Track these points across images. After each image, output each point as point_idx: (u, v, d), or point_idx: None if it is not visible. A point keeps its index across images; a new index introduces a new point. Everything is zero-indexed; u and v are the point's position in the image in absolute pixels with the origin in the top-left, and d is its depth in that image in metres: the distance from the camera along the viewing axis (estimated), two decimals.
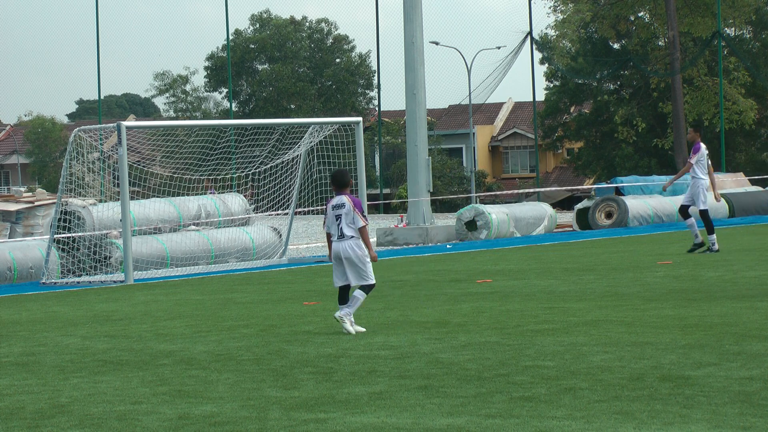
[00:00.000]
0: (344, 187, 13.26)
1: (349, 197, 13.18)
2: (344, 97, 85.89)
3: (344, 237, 13.08)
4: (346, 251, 13.07)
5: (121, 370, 11.33)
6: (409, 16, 34.94)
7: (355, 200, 13.18)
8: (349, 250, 13.05)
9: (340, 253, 13.09)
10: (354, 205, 13.08)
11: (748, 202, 39.39)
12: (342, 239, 13.09)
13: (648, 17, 65.58)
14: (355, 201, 13.15)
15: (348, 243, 13.05)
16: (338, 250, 13.12)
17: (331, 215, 13.19)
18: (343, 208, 13.11)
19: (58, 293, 21.98)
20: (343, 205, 13.11)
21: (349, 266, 13.10)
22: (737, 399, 8.50)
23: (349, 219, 13.07)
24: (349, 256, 13.06)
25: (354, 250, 13.04)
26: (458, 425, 8.09)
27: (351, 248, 13.04)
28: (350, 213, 13.06)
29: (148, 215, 26.87)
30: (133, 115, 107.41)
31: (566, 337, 11.99)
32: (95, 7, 45.30)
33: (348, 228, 13.07)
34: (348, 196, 13.19)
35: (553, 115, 73.99)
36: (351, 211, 13.06)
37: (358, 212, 13.07)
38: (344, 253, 13.07)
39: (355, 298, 13.11)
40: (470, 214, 34.30)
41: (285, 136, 29.17)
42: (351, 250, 13.05)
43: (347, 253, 13.06)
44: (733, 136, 64.65)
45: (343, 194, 13.22)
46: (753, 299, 14.60)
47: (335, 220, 13.16)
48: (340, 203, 13.15)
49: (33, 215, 29.84)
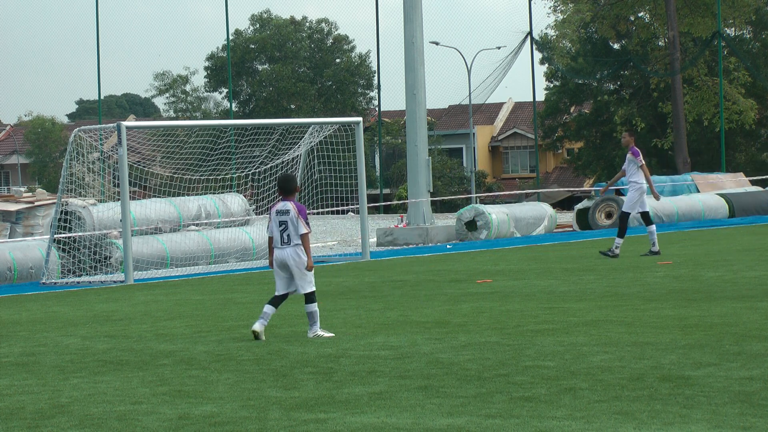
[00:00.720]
0: (290, 193, 13.03)
1: (294, 204, 12.92)
2: (344, 98, 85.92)
3: (289, 244, 12.85)
4: (290, 259, 12.83)
5: (121, 370, 11.33)
6: (409, 16, 34.94)
7: (300, 207, 12.93)
8: (294, 257, 12.83)
9: (285, 260, 12.86)
10: (298, 212, 12.85)
11: (748, 202, 39.39)
12: (286, 246, 12.86)
13: (648, 17, 65.58)
14: (299, 208, 12.91)
15: (293, 250, 12.83)
16: (283, 257, 12.87)
17: (275, 221, 12.94)
18: (287, 214, 12.86)
19: (58, 293, 21.98)
20: (288, 211, 12.86)
21: (290, 274, 12.89)
22: (737, 399, 8.50)
23: (294, 225, 12.86)
24: (292, 264, 12.83)
25: (299, 257, 12.83)
26: (458, 425, 8.09)
27: (297, 255, 12.83)
28: (294, 220, 12.83)
29: (148, 215, 26.86)
30: (133, 115, 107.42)
31: (566, 337, 11.99)
32: (95, 7, 45.30)
33: (292, 235, 12.86)
34: (293, 203, 12.93)
35: (553, 115, 74.00)
36: (296, 217, 12.83)
37: (301, 220, 12.84)
38: (288, 260, 12.84)
39: (309, 313, 12.92)
40: (470, 214, 34.30)
41: (285, 137, 29.18)
42: (297, 257, 12.83)
43: (291, 261, 12.83)
44: (733, 136, 64.65)
45: (289, 200, 12.97)
46: (753, 299, 14.61)
47: (279, 226, 12.92)
48: (285, 209, 12.90)
49: (33, 215, 29.84)
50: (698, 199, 38.72)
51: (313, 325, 12.95)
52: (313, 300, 12.92)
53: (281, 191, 13.10)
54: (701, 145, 65.69)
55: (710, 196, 39.28)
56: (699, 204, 38.27)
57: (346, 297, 17.82)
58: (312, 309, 12.92)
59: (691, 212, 37.90)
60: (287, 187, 13.04)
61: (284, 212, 12.89)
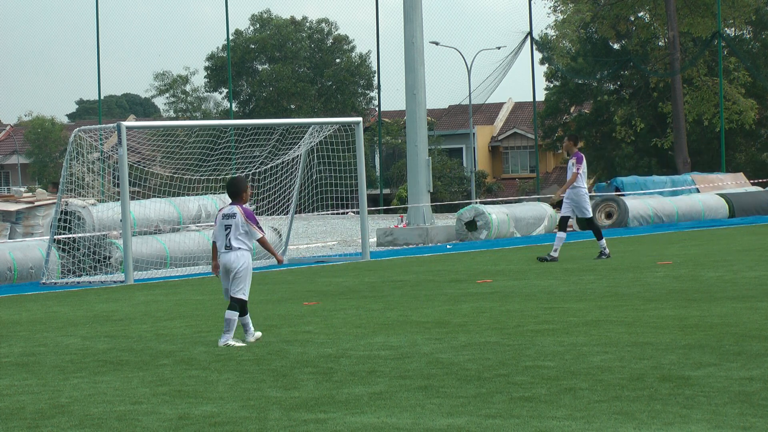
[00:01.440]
0: (237, 197, 12.76)
1: (241, 208, 12.67)
2: (344, 98, 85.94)
3: (231, 248, 12.59)
4: (232, 263, 12.60)
5: (121, 370, 11.33)
6: (409, 16, 34.94)
7: (247, 211, 12.69)
8: (236, 261, 12.57)
9: (226, 264, 12.63)
10: (246, 217, 12.61)
11: (748, 203, 39.40)
12: (229, 251, 12.60)
13: (648, 17, 65.58)
14: (247, 212, 12.67)
15: (235, 254, 12.58)
16: (226, 261, 12.63)
17: (221, 225, 12.69)
18: (233, 218, 12.61)
19: (58, 293, 21.98)
20: (234, 215, 12.62)
21: (231, 278, 12.65)
22: (737, 399, 8.50)
23: (240, 231, 12.58)
24: (235, 267, 12.58)
25: (240, 261, 12.58)
26: (458, 425, 8.09)
27: (237, 259, 12.57)
28: (240, 225, 12.56)
29: (148, 215, 26.86)
30: (133, 116, 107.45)
31: (566, 338, 11.99)
32: (95, 7, 45.28)
33: (236, 240, 12.57)
34: (240, 207, 12.67)
35: (553, 116, 74.00)
36: (242, 222, 12.57)
37: (252, 224, 12.60)
38: (231, 264, 12.61)
39: (228, 321, 12.57)
40: (470, 214, 34.30)
41: (285, 137, 29.17)
42: (237, 262, 12.57)
43: (233, 265, 12.59)
44: (733, 136, 64.65)
45: (236, 204, 12.72)
46: (753, 299, 14.60)
47: (224, 230, 12.65)
48: (231, 213, 12.65)
49: (33, 215, 29.84)
50: (698, 199, 38.73)
51: (226, 334, 12.53)
52: (236, 309, 12.57)
53: (229, 195, 12.84)
54: (701, 145, 65.69)
55: (710, 196, 39.29)
56: (699, 204, 38.28)
57: (346, 297, 17.82)
58: (232, 317, 12.56)
59: (691, 212, 37.90)
60: (234, 191, 12.79)
61: (230, 216, 12.64)
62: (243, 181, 12.96)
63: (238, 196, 12.78)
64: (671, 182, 40.94)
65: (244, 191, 12.82)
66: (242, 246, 12.61)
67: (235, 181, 12.94)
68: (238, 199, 12.77)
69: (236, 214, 12.62)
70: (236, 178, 13.04)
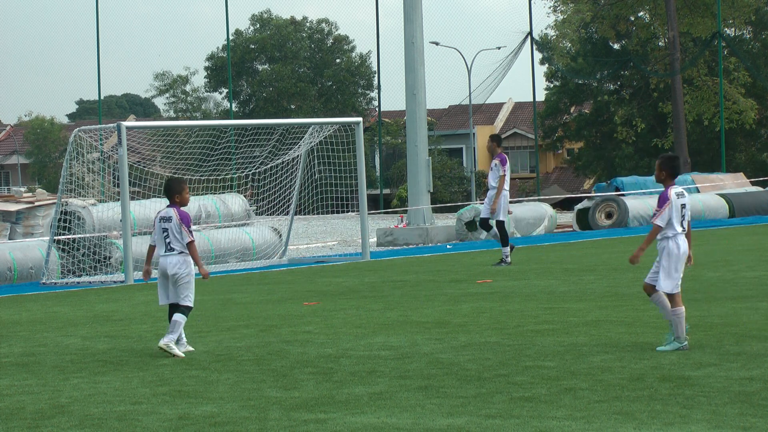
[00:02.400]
0: (173, 199, 12.48)
1: (177, 211, 12.38)
2: (344, 98, 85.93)
3: (172, 252, 12.29)
4: (172, 267, 12.25)
5: (121, 370, 11.33)
6: (409, 17, 34.93)
7: (183, 214, 12.37)
8: (175, 266, 12.24)
9: (167, 269, 12.29)
10: (181, 220, 12.30)
11: (748, 203, 39.38)
12: (169, 254, 12.29)
13: (648, 17, 65.57)
14: (182, 215, 12.35)
15: (176, 259, 12.26)
16: (164, 265, 12.31)
17: (158, 228, 12.41)
18: (169, 221, 12.32)
19: (59, 293, 21.97)
20: (170, 218, 12.34)
21: (173, 283, 12.30)
22: (737, 399, 8.50)
23: (176, 234, 12.30)
24: (175, 272, 12.25)
25: (180, 267, 12.25)
26: (458, 425, 8.09)
27: (177, 264, 12.25)
28: (176, 227, 12.29)
29: (148, 215, 26.85)
30: (133, 116, 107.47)
31: (566, 338, 11.99)
32: (95, 7, 45.26)
33: (176, 243, 12.29)
34: (176, 209, 12.39)
35: (553, 116, 74.00)
36: (178, 225, 12.29)
37: (184, 228, 12.28)
38: (170, 269, 12.26)
39: (175, 322, 12.18)
40: (470, 214, 34.29)
41: (285, 137, 29.16)
42: (177, 267, 12.24)
43: (173, 270, 12.24)
44: (733, 136, 64.64)
45: (173, 207, 12.45)
46: (753, 300, 14.60)
47: (162, 233, 12.37)
48: (167, 216, 12.38)
49: (33, 215, 29.84)
50: (698, 199, 38.72)
51: (170, 335, 12.13)
52: (185, 313, 12.29)
53: (166, 197, 12.60)
54: (701, 145, 65.68)
55: (710, 196, 39.28)
56: (699, 204, 38.26)
57: (346, 297, 17.82)
58: (179, 319, 12.21)
59: (691, 212, 37.81)
60: (168, 192, 12.53)
61: (167, 219, 12.36)
62: (178, 183, 12.63)
63: (172, 197, 12.47)
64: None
65: (178, 193, 12.48)
66: (183, 249, 12.30)
67: (169, 182, 12.67)
68: (174, 201, 12.46)
69: (172, 217, 12.34)
70: (171, 180, 12.77)
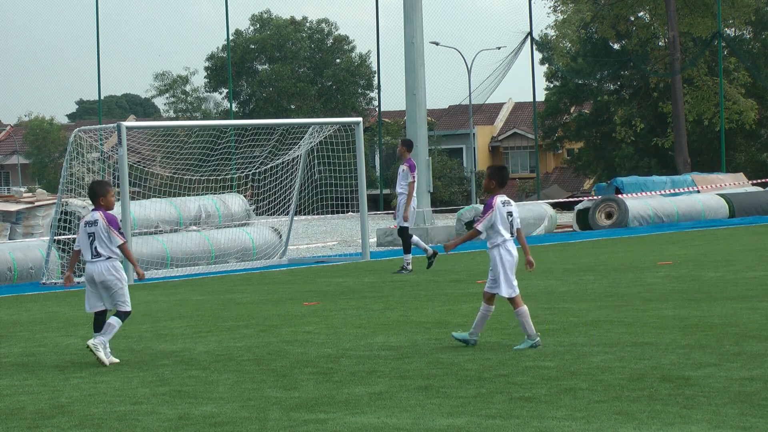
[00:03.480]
0: (97, 202, 12.06)
1: (103, 214, 11.96)
2: (344, 98, 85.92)
3: (99, 257, 11.87)
4: (101, 274, 11.85)
5: (122, 370, 11.33)
6: (409, 17, 34.93)
7: (109, 217, 11.95)
8: (105, 273, 11.84)
9: (94, 275, 11.85)
10: (108, 223, 11.88)
11: (748, 203, 39.38)
12: (96, 260, 11.87)
13: (648, 17, 65.57)
14: (109, 218, 11.93)
15: (103, 265, 11.85)
16: (92, 272, 11.86)
17: (83, 233, 11.96)
18: (95, 225, 11.91)
19: (58, 293, 21.97)
20: (96, 222, 11.91)
21: (103, 290, 11.90)
22: (737, 399, 8.50)
23: (103, 238, 11.87)
24: (104, 279, 11.85)
25: (110, 272, 11.85)
26: (458, 425, 8.08)
27: (107, 271, 11.85)
28: (103, 231, 11.88)
29: (148, 215, 26.86)
30: (134, 116, 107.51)
31: (566, 338, 11.99)
32: (95, 8, 45.26)
33: (103, 248, 11.87)
34: (101, 213, 11.97)
35: (553, 116, 73.99)
36: (105, 229, 11.88)
37: (114, 230, 11.86)
38: (98, 276, 11.85)
39: (110, 325, 11.79)
40: (470, 214, 34.29)
41: (285, 137, 29.16)
42: (107, 273, 11.85)
43: (102, 276, 11.85)
44: (733, 136, 64.64)
45: (98, 210, 12.02)
46: (753, 300, 14.60)
47: (87, 238, 11.91)
48: (93, 220, 11.93)
49: (33, 215, 29.83)
50: (698, 199, 38.72)
51: (102, 336, 11.73)
52: (122, 318, 11.92)
53: (91, 200, 12.18)
54: (701, 145, 65.68)
55: (710, 196, 39.27)
56: (699, 204, 38.27)
57: (346, 297, 17.81)
58: (115, 323, 11.85)
59: (691, 212, 37.88)
60: (93, 195, 12.11)
61: (92, 223, 11.94)
62: (103, 185, 12.21)
63: (97, 200, 12.07)
64: (671, 182, 40.91)
65: (103, 196, 12.07)
66: (111, 255, 11.90)
67: (94, 185, 12.25)
68: (99, 204, 12.06)
69: (98, 220, 11.93)
70: (96, 182, 12.35)
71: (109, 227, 11.90)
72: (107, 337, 11.77)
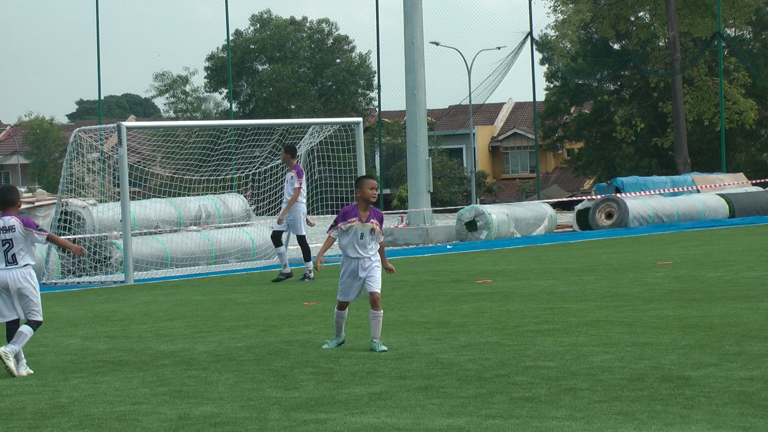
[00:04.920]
0: (10, 207, 11.54)
1: (18, 218, 11.46)
2: (344, 98, 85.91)
3: (15, 265, 11.36)
4: (17, 281, 11.35)
5: (122, 370, 11.33)
6: (409, 17, 34.95)
7: (24, 219, 11.49)
8: (21, 280, 11.35)
9: (8, 283, 11.34)
10: (25, 226, 11.41)
11: (748, 203, 39.40)
12: (12, 267, 11.35)
13: (648, 17, 65.58)
14: (24, 221, 11.46)
15: (20, 272, 11.36)
16: (5, 279, 11.33)
17: None
18: (12, 231, 11.37)
19: (58, 293, 21.97)
20: (12, 227, 11.38)
21: (19, 298, 11.41)
22: (737, 399, 8.50)
23: (22, 244, 11.39)
24: (21, 286, 11.36)
25: (26, 279, 11.38)
26: (458, 426, 8.08)
27: (24, 278, 11.37)
28: (21, 236, 11.37)
29: (148, 215, 26.86)
30: (134, 116, 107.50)
31: (566, 338, 11.99)
32: (95, 8, 45.27)
33: (22, 256, 11.40)
34: (16, 217, 11.46)
35: (554, 116, 73.98)
36: (22, 233, 11.38)
37: (32, 230, 11.41)
38: (14, 283, 11.35)
39: (21, 334, 11.31)
40: (470, 214, 34.29)
41: (285, 137, 29.17)
42: (24, 281, 11.37)
43: (19, 284, 11.35)
44: (733, 137, 64.64)
45: (10, 215, 11.49)
46: (753, 300, 14.60)
47: (2, 245, 11.37)
48: (9, 226, 11.39)
49: (33, 215, 29.81)
50: (698, 199, 38.73)
51: (13, 345, 11.26)
52: (34, 327, 11.47)
53: (3, 208, 11.56)
54: (701, 145, 65.69)
55: (710, 196, 39.29)
56: (699, 204, 38.28)
57: None
58: (27, 332, 11.38)
59: (691, 212, 37.90)
60: (6, 199, 11.56)
61: (8, 229, 11.41)
62: (14, 191, 11.69)
63: (10, 205, 11.54)
64: (671, 182, 40.93)
65: (17, 200, 11.61)
66: (29, 261, 11.46)
67: (6, 189, 11.66)
68: (11, 208, 11.55)
69: (14, 225, 11.42)
70: (5, 188, 11.71)
71: (27, 230, 11.44)
72: (19, 345, 11.31)
